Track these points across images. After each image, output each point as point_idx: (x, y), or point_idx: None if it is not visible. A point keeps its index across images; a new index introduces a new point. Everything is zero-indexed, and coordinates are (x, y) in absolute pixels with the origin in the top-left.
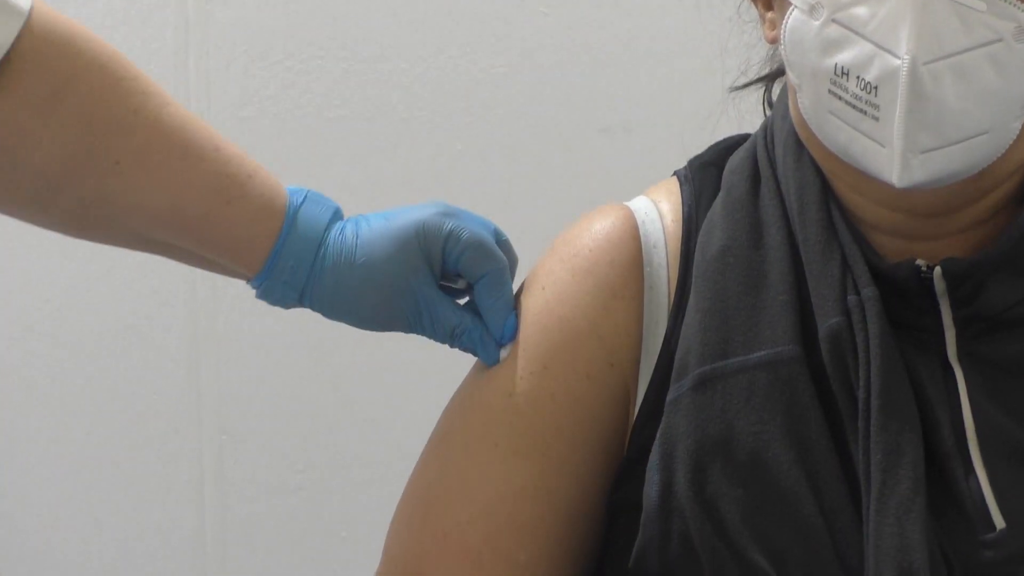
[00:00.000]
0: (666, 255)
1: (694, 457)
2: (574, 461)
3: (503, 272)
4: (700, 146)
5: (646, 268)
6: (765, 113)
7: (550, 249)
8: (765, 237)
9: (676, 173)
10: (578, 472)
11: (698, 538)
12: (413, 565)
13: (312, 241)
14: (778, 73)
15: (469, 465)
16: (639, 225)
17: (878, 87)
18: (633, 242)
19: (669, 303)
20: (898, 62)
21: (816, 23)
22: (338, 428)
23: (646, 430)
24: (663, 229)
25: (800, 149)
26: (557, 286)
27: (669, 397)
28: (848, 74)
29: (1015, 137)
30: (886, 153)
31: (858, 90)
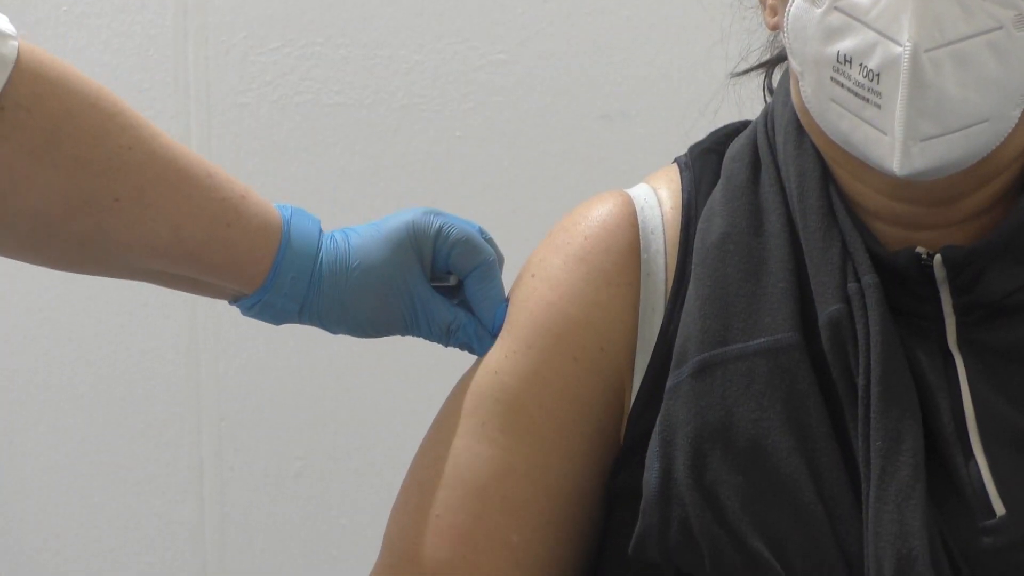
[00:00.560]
0: (664, 242)
1: (694, 444)
2: (565, 441)
3: (492, 265)
4: (700, 133)
5: (643, 255)
6: (765, 99)
7: (547, 236)
8: (765, 224)
9: (676, 160)
10: (570, 453)
11: (698, 525)
12: (408, 548)
13: (308, 252)
14: (779, 59)
15: (458, 445)
16: (637, 212)
17: (880, 74)
18: (631, 229)
19: (667, 290)
20: (900, 49)
21: (818, 11)
22: (337, 416)
23: (644, 417)
24: (662, 216)
25: (801, 136)
26: (548, 272)
27: (668, 384)
28: (851, 61)
29: (1015, 125)
30: (887, 141)
31: (860, 77)
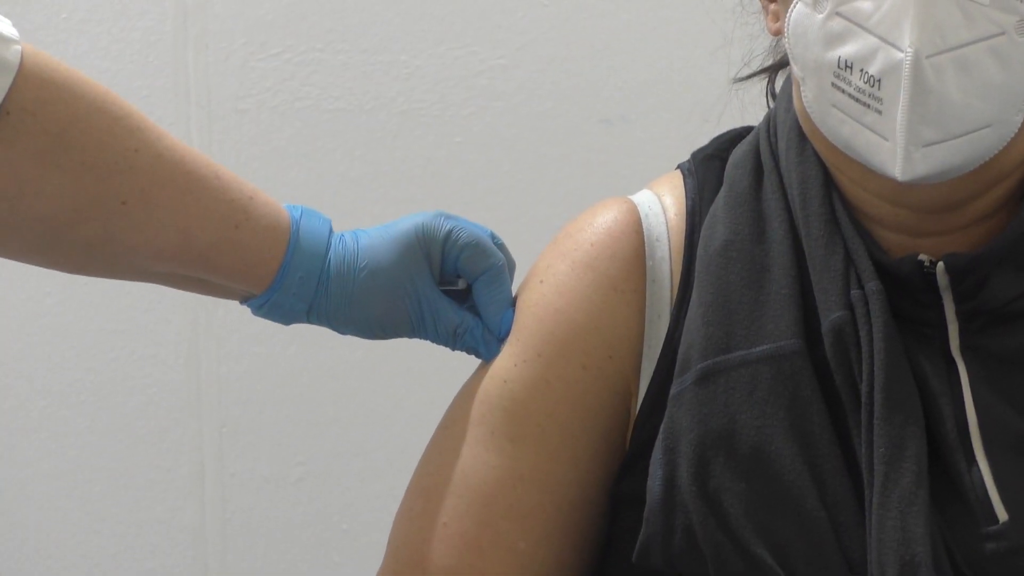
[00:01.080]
0: (669, 249)
1: (697, 451)
2: (572, 449)
3: (501, 269)
4: (702, 138)
5: (648, 262)
6: (768, 104)
7: (552, 242)
8: (768, 231)
9: (679, 166)
10: (577, 460)
11: (701, 532)
12: (414, 555)
13: (317, 252)
14: (781, 64)
15: (466, 453)
16: (642, 219)
17: (881, 80)
18: (636, 236)
19: (672, 297)
20: (901, 55)
21: (820, 16)
22: (338, 421)
23: (648, 424)
24: (666, 223)
25: (803, 142)
26: (556, 279)
27: (672, 391)
28: (851, 67)
29: (1017, 130)
30: (889, 147)
31: (861, 83)
